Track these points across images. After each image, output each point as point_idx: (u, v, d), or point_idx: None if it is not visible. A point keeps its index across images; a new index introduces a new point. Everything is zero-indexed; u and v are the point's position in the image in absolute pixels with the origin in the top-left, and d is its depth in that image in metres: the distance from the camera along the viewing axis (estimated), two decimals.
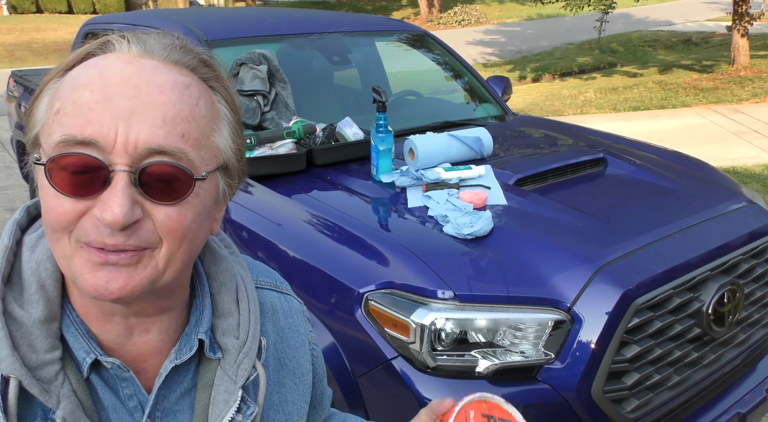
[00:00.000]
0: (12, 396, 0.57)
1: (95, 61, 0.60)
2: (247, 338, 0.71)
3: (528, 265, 1.73)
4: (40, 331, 0.60)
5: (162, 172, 0.57)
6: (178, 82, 0.60)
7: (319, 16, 3.41)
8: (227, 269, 0.73)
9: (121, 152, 0.56)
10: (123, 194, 0.55)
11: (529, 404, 1.61)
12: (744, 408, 1.94)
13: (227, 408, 0.67)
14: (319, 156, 2.35)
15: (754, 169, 5.76)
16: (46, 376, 0.59)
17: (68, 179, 0.56)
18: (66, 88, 0.58)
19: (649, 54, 14.03)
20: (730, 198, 2.23)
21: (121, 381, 0.65)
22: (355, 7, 25.28)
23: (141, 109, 0.56)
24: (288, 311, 0.82)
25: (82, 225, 0.57)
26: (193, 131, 0.59)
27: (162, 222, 0.59)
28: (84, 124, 0.55)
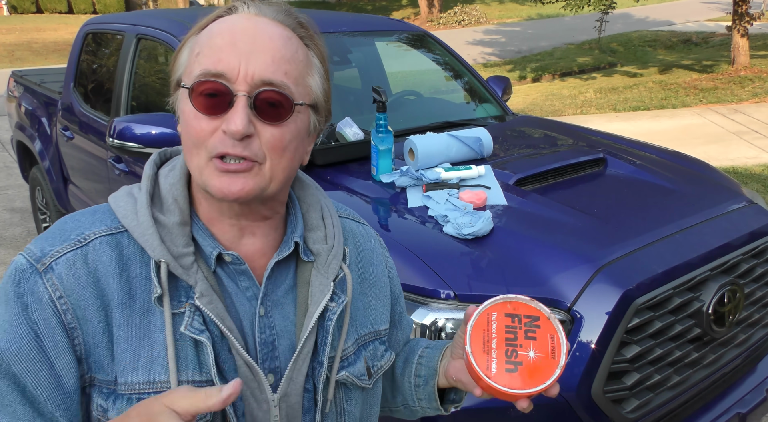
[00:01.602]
0: (164, 275, 0.76)
1: (224, 19, 0.78)
2: (333, 244, 0.88)
3: (528, 265, 1.73)
4: (178, 231, 0.79)
5: (270, 97, 0.74)
6: (283, 34, 0.77)
7: (319, 16, 3.41)
8: (313, 195, 0.92)
9: (242, 82, 0.73)
10: (243, 111, 0.73)
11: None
12: (744, 408, 1.94)
13: (323, 296, 0.84)
14: (319, 156, 2.35)
15: (754, 169, 5.75)
16: (185, 264, 0.78)
17: (204, 102, 0.74)
18: (204, 38, 0.77)
19: (649, 54, 14.03)
20: (730, 198, 2.23)
21: (239, 274, 0.82)
22: (355, 7, 25.27)
23: (257, 51, 0.74)
24: (366, 236, 0.99)
25: (212, 140, 0.74)
26: (293, 70, 0.77)
27: (267, 140, 0.75)
28: (216, 61, 0.74)
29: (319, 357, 0.84)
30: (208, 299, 0.77)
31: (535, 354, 0.76)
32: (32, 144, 4.21)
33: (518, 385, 0.75)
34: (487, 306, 0.80)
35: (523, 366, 0.75)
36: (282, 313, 0.84)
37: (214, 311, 0.77)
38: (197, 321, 0.76)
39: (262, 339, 0.81)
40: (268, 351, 0.81)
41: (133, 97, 3.18)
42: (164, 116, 2.53)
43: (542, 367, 0.75)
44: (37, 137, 4.17)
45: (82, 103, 3.59)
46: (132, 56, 3.17)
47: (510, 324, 0.78)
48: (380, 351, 0.94)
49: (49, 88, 4.18)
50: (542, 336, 0.78)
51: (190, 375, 0.76)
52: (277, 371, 0.82)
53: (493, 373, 0.75)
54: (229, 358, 0.79)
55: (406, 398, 1.02)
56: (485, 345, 0.77)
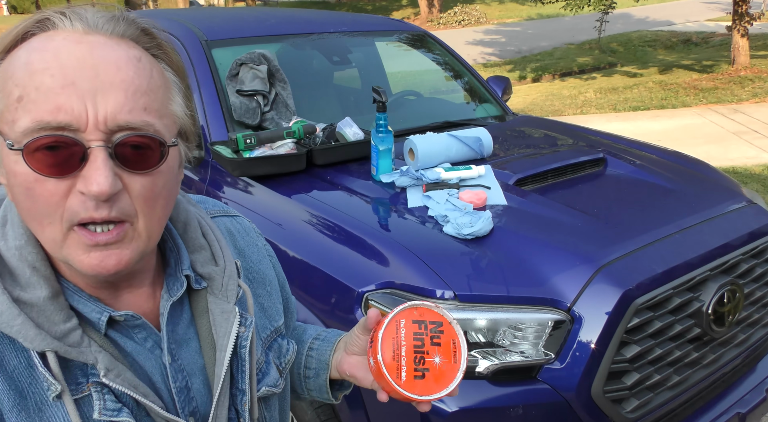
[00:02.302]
0: (54, 366, 0.63)
1: (42, 44, 0.60)
2: (225, 264, 0.79)
3: (528, 265, 1.73)
4: (51, 307, 0.65)
5: (134, 142, 0.61)
6: (129, 56, 0.62)
7: (319, 16, 3.41)
8: (185, 210, 0.80)
9: (94, 130, 0.59)
10: (105, 166, 0.59)
11: (529, 404, 1.61)
12: (744, 408, 1.94)
13: (230, 324, 0.76)
14: (319, 156, 2.35)
15: (754, 169, 5.76)
16: (74, 341, 0.65)
17: (47, 161, 0.59)
18: (20, 73, 0.59)
19: (649, 54, 14.03)
20: (730, 198, 2.23)
21: (132, 328, 0.71)
22: (355, 7, 25.28)
23: (103, 88, 0.59)
24: (242, 230, 0.90)
25: (69, 205, 0.61)
26: (153, 102, 0.63)
27: (138, 193, 0.63)
28: (54, 110, 0.58)
29: (239, 385, 0.78)
30: (115, 373, 0.66)
31: (440, 360, 0.80)
32: None
33: (426, 392, 0.79)
34: (396, 313, 0.82)
35: (429, 373, 0.79)
36: (188, 351, 0.75)
37: (125, 382, 0.67)
38: (110, 401, 0.66)
39: (177, 387, 0.73)
40: (184, 396, 0.74)
41: None
42: None
43: (446, 372, 0.80)
44: None
45: None
46: None
47: (417, 331, 0.81)
48: (284, 346, 0.90)
49: None
50: (446, 341, 0.81)
51: None
52: (195, 412, 0.75)
53: (403, 381, 0.79)
54: (148, 421, 0.70)
55: (295, 387, 1.01)
56: (395, 353, 0.80)
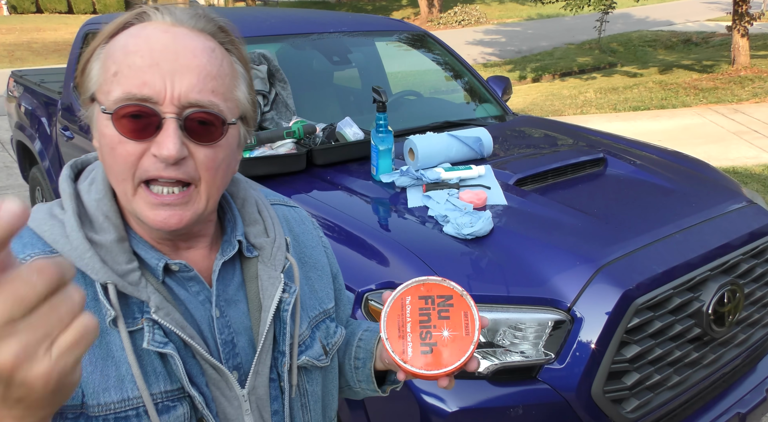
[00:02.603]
0: (113, 297, 0.73)
1: (137, 31, 0.73)
2: (275, 236, 0.88)
3: (528, 265, 1.73)
4: (117, 249, 0.75)
5: (200, 118, 0.73)
6: (206, 46, 0.74)
7: (319, 16, 3.41)
8: (245, 189, 0.91)
9: (169, 104, 0.71)
10: (174, 134, 0.71)
11: (529, 404, 1.61)
12: (744, 408, 1.94)
13: (275, 289, 0.85)
14: (319, 156, 2.35)
15: (754, 169, 5.75)
16: (133, 280, 0.75)
17: (129, 126, 0.71)
18: (119, 54, 0.72)
19: (649, 54, 14.03)
20: (730, 198, 2.23)
21: (187, 281, 0.81)
22: (355, 7, 25.27)
23: (181, 70, 0.71)
24: (299, 219, 1.00)
25: (142, 164, 0.72)
26: (220, 86, 0.75)
27: (202, 161, 0.74)
28: (140, 84, 0.70)
29: (280, 347, 0.86)
30: (165, 312, 0.76)
31: (449, 333, 0.77)
32: (32, 144, 4.21)
33: (434, 366, 0.76)
34: (401, 291, 0.81)
35: (437, 347, 0.76)
36: (236, 311, 0.84)
37: (173, 322, 0.76)
38: (158, 334, 0.75)
39: (222, 339, 0.82)
40: (229, 349, 0.82)
41: None
42: None
43: (457, 345, 0.76)
44: (37, 137, 4.17)
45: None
46: None
47: (423, 307, 0.79)
48: (332, 328, 0.96)
49: (49, 88, 4.18)
50: (455, 314, 0.78)
51: (162, 386, 0.76)
52: (239, 367, 0.83)
53: (409, 357, 0.76)
54: (194, 364, 0.79)
55: (348, 379, 1.04)
56: (400, 330, 0.78)
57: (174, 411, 0.76)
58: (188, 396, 0.77)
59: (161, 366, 0.76)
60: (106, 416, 0.72)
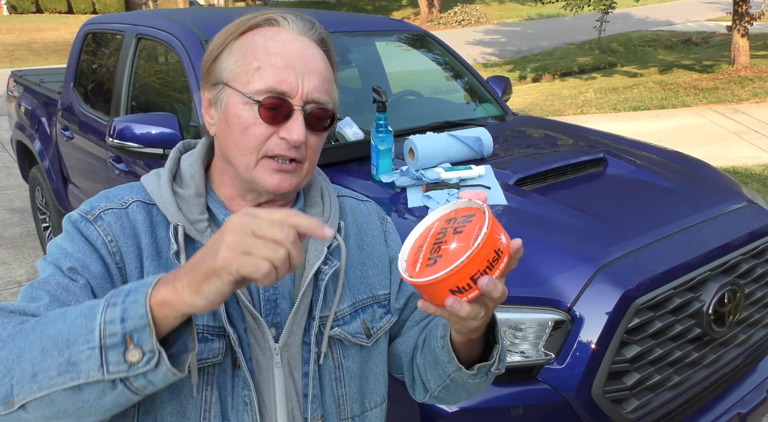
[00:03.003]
0: (180, 235, 0.89)
1: (273, 34, 0.91)
2: (329, 218, 1.01)
3: (528, 265, 1.73)
4: (193, 201, 0.93)
5: (318, 113, 0.91)
6: (321, 55, 0.93)
7: (319, 16, 3.41)
8: (314, 176, 1.06)
9: (299, 99, 0.89)
10: (301, 124, 0.89)
11: (529, 404, 1.61)
12: (744, 408, 1.94)
13: (317, 259, 0.96)
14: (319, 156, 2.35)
15: (754, 169, 5.75)
16: (200, 228, 0.91)
17: (267, 113, 0.88)
18: (260, 52, 0.89)
19: (649, 54, 14.03)
20: (730, 198, 2.23)
21: None
22: (355, 7, 25.27)
23: (309, 73, 0.89)
24: (366, 211, 1.10)
25: (269, 144, 0.89)
26: (329, 88, 0.93)
27: (311, 145, 0.93)
28: (280, 81, 0.88)
29: (314, 312, 0.95)
30: None
31: (457, 245, 0.73)
32: (32, 144, 4.21)
33: (431, 273, 0.71)
34: (433, 220, 0.81)
35: (442, 258, 0.72)
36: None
37: None
38: None
39: (265, 296, 0.93)
40: (270, 307, 0.93)
41: (133, 97, 3.18)
42: (164, 115, 2.53)
43: (459, 254, 0.71)
44: (36, 137, 4.17)
45: (82, 103, 3.59)
46: (132, 56, 3.17)
47: (444, 226, 0.77)
48: (379, 313, 1.04)
49: (49, 88, 4.18)
50: (470, 228, 0.74)
51: (206, 320, 0.88)
52: (278, 325, 0.94)
53: (415, 272, 0.74)
54: (237, 309, 0.91)
55: (440, 373, 0.97)
56: (417, 250, 0.76)
57: (210, 343, 0.87)
58: (226, 336, 0.89)
59: None
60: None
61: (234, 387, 0.90)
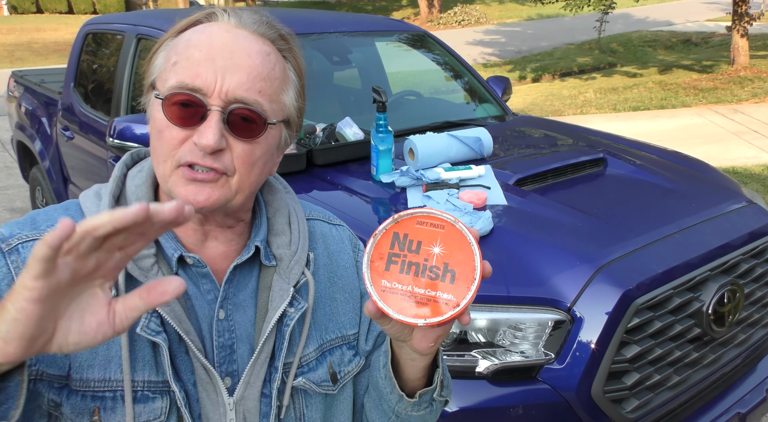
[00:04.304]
0: (120, 277, 0.76)
1: (203, 28, 0.79)
2: (297, 250, 0.88)
3: (528, 265, 1.73)
4: None
5: (243, 114, 0.76)
6: (262, 50, 0.78)
7: (319, 16, 3.41)
8: (281, 199, 0.92)
9: (216, 97, 0.75)
10: (215, 126, 0.74)
11: (529, 404, 1.61)
12: (744, 408, 1.94)
13: (282, 301, 0.84)
14: (319, 156, 2.35)
15: (754, 169, 5.76)
16: (144, 265, 0.78)
17: (177, 113, 0.75)
18: (181, 46, 0.77)
19: (649, 54, 14.03)
20: (730, 198, 2.23)
21: (200, 277, 0.83)
22: (355, 7, 25.27)
23: (234, 67, 0.75)
24: (338, 238, 0.98)
25: (182, 149, 0.76)
26: (268, 88, 0.78)
27: (239, 154, 0.77)
28: (194, 76, 0.75)
29: (275, 362, 0.84)
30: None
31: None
32: (32, 144, 4.21)
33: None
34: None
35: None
36: (243, 317, 0.84)
37: (172, 313, 0.78)
38: (154, 323, 0.77)
39: (220, 342, 0.82)
40: (225, 354, 0.82)
41: (133, 97, 3.18)
42: None
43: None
44: (37, 137, 4.17)
45: (82, 103, 3.59)
46: (132, 56, 3.17)
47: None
48: (348, 356, 0.93)
49: (49, 88, 4.18)
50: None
51: (146, 375, 0.77)
52: (234, 374, 0.83)
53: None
54: (186, 360, 0.80)
55: (385, 398, 0.90)
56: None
57: (151, 403, 0.77)
58: (171, 391, 0.78)
59: (150, 355, 0.78)
60: (85, 392, 0.75)
61: None
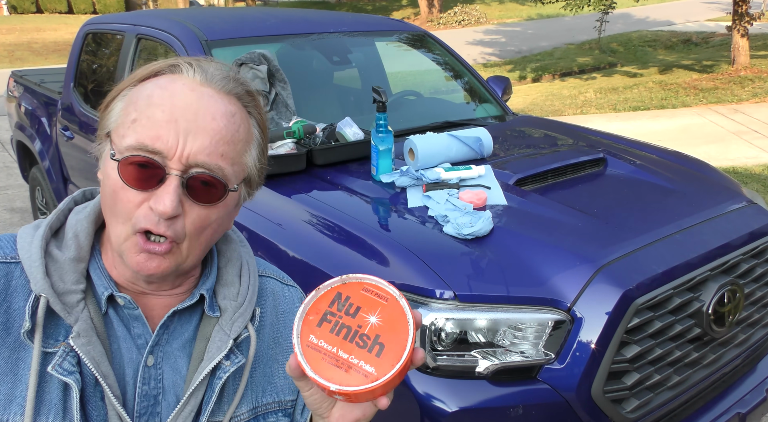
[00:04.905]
0: (41, 310, 0.73)
1: (165, 83, 0.75)
2: (244, 302, 0.86)
3: (528, 265, 1.73)
4: (69, 267, 0.77)
5: (203, 179, 0.74)
6: (227, 111, 0.76)
7: (319, 16, 3.41)
8: (235, 250, 0.90)
9: (177, 161, 0.72)
10: (174, 192, 0.72)
11: (529, 404, 1.61)
12: (744, 408, 1.94)
13: (219, 352, 0.81)
14: (319, 156, 2.35)
15: (754, 169, 5.75)
16: (70, 302, 0.75)
17: (134, 175, 0.73)
18: (142, 102, 0.74)
19: (649, 54, 14.03)
20: (730, 198, 2.23)
21: (133, 320, 0.80)
22: (355, 7, 25.27)
23: (196, 131, 0.73)
24: (289, 298, 0.94)
25: (138, 214, 0.73)
26: (231, 151, 0.76)
27: (193, 220, 0.75)
28: (155, 137, 0.72)
29: (200, 417, 0.80)
30: (85, 340, 0.74)
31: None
32: (32, 144, 4.21)
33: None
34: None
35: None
36: (173, 367, 0.81)
37: (90, 353, 0.74)
38: (68, 362, 0.73)
39: (144, 390, 0.78)
40: (148, 404, 0.78)
41: None
42: None
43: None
44: (37, 137, 4.17)
45: (82, 103, 3.59)
46: (132, 56, 3.17)
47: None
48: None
49: (49, 88, 4.18)
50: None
51: (51, 418, 0.72)
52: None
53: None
54: (100, 407, 0.75)
55: None
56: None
57: None
58: None
59: (59, 398, 0.73)
60: None
61: None
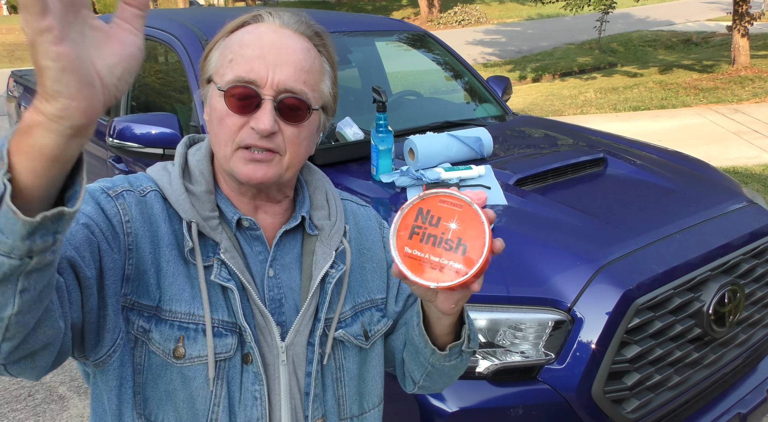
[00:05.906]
0: (194, 233, 0.91)
1: (252, 29, 0.92)
2: (336, 221, 1.04)
3: (528, 265, 1.73)
4: (205, 198, 0.94)
5: (291, 103, 0.90)
6: (303, 46, 0.92)
7: (319, 16, 3.41)
8: (319, 180, 1.08)
9: (269, 88, 0.89)
10: (270, 112, 0.88)
11: (529, 404, 1.61)
12: (745, 408, 1.94)
13: (325, 263, 0.99)
14: (319, 156, 2.35)
15: (754, 169, 5.75)
16: (212, 225, 0.93)
17: (236, 103, 0.89)
18: (235, 46, 0.91)
19: (650, 54, 14.03)
20: (730, 198, 2.23)
21: (253, 240, 0.97)
22: (355, 7, 25.27)
23: (282, 62, 0.89)
24: (366, 216, 1.13)
25: (241, 134, 0.90)
26: (310, 79, 0.92)
27: (288, 136, 0.91)
28: (249, 70, 0.88)
29: (319, 315, 0.98)
30: (231, 255, 0.93)
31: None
32: None
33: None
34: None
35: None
36: (289, 276, 0.99)
37: (236, 265, 0.92)
38: (224, 272, 0.92)
39: (270, 296, 0.96)
40: (275, 306, 0.96)
41: (133, 97, 3.18)
42: (164, 115, 2.53)
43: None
44: None
45: None
46: None
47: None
48: (376, 317, 1.07)
49: None
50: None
51: (220, 315, 0.91)
52: (283, 324, 0.96)
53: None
54: (247, 306, 0.94)
55: (419, 362, 1.04)
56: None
57: (225, 339, 0.91)
58: (238, 332, 0.92)
59: (222, 300, 0.92)
60: (173, 322, 0.89)
61: (243, 382, 0.92)
